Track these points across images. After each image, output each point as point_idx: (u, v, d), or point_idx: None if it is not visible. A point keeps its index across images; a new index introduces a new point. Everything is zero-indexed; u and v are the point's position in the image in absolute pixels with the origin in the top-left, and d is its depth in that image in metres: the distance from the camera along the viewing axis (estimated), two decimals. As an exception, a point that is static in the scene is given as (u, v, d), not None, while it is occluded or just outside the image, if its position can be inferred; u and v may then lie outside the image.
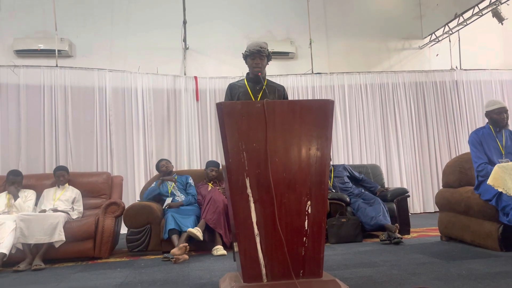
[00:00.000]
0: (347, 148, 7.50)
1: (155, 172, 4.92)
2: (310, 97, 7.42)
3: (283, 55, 7.77)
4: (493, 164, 3.53)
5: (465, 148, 7.54)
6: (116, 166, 6.60)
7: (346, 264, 3.29)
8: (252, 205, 2.29)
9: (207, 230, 4.26)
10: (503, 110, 3.78)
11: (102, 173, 5.12)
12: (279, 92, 3.31)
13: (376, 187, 5.26)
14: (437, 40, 8.17)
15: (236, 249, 2.47)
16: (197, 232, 4.09)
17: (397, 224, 4.40)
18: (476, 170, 3.73)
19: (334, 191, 5.05)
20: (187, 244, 3.89)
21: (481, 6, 7.18)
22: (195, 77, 7.24)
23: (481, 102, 7.93)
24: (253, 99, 3.19)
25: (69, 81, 6.59)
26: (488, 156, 3.71)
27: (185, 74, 7.35)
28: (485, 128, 3.90)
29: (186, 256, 3.86)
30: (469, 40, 8.11)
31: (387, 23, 8.30)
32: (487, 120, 3.92)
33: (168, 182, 4.85)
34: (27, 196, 4.46)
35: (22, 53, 6.90)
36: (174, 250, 3.80)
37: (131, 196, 6.50)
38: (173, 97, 7.12)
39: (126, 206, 4.48)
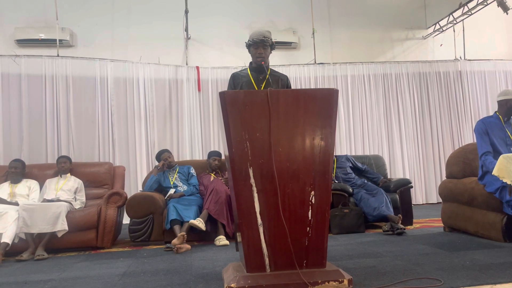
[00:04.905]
0: (350, 139, 7.47)
1: (157, 162, 4.91)
2: (313, 88, 7.36)
3: (285, 45, 7.71)
4: (498, 153, 3.51)
5: (469, 139, 7.50)
6: (118, 156, 6.59)
7: (349, 254, 3.28)
8: (256, 195, 2.28)
9: (210, 220, 4.26)
10: None
11: (104, 163, 5.10)
12: (282, 81, 3.27)
13: (379, 178, 5.25)
14: (441, 30, 8.08)
15: (239, 239, 2.46)
16: (199, 223, 4.09)
17: (400, 215, 4.38)
18: (479, 160, 3.71)
19: (337, 181, 5.04)
20: (184, 233, 3.89)
21: (486, -5, 7.10)
22: (197, 67, 7.20)
23: (484, 92, 7.87)
24: (256, 89, 3.15)
25: (71, 71, 6.54)
26: (494, 146, 3.68)
27: (187, 64, 7.31)
28: (492, 117, 3.86)
29: (188, 246, 3.87)
30: (473, 30, 8.04)
31: (391, 12, 8.21)
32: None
33: (170, 173, 4.84)
34: (32, 187, 4.46)
35: (23, 42, 6.86)
36: (174, 241, 3.80)
37: (133, 186, 6.50)
38: (175, 87, 7.08)
39: (128, 196, 4.48)
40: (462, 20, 7.75)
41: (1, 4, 6.95)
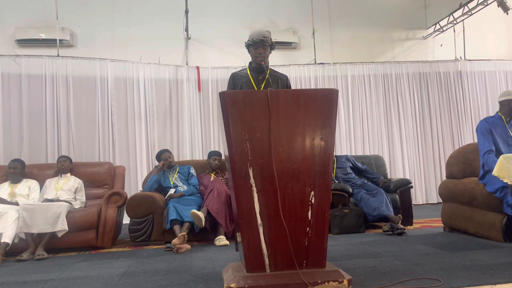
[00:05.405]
0: (350, 139, 7.47)
1: (157, 162, 4.91)
2: (313, 88, 7.36)
3: (285, 45, 7.71)
4: (499, 153, 3.51)
5: (469, 139, 7.50)
6: (118, 156, 6.59)
7: (349, 254, 3.28)
8: (255, 195, 2.28)
9: (210, 220, 4.26)
10: None
11: (105, 163, 5.10)
12: (282, 81, 3.26)
13: (379, 178, 5.25)
14: (441, 30, 8.07)
15: (239, 239, 2.46)
16: (200, 214, 4.06)
17: (400, 215, 4.38)
18: (481, 158, 3.71)
19: (337, 182, 5.04)
20: (185, 233, 3.89)
21: (487, -5, 7.10)
22: (197, 67, 7.20)
23: (485, 93, 7.86)
24: (256, 89, 3.14)
25: (71, 71, 6.54)
26: (496, 146, 3.68)
27: (187, 64, 7.31)
28: (494, 117, 3.86)
29: (188, 246, 3.87)
30: (473, 30, 8.04)
31: (391, 12, 8.21)
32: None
33: (170, 173, 4.84)
34: (32, 187, 4.46)
35: (23, 42, 6.86)
36: (175, 240, 3.80)
37: (133, 186, 6.50)
38: (175, 87, 7.08)
39: (129, 196, 4.48)
40: (462, 20, 7.75)
41: (1, 4, 6.95)
